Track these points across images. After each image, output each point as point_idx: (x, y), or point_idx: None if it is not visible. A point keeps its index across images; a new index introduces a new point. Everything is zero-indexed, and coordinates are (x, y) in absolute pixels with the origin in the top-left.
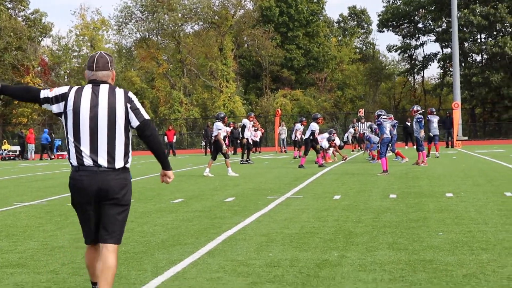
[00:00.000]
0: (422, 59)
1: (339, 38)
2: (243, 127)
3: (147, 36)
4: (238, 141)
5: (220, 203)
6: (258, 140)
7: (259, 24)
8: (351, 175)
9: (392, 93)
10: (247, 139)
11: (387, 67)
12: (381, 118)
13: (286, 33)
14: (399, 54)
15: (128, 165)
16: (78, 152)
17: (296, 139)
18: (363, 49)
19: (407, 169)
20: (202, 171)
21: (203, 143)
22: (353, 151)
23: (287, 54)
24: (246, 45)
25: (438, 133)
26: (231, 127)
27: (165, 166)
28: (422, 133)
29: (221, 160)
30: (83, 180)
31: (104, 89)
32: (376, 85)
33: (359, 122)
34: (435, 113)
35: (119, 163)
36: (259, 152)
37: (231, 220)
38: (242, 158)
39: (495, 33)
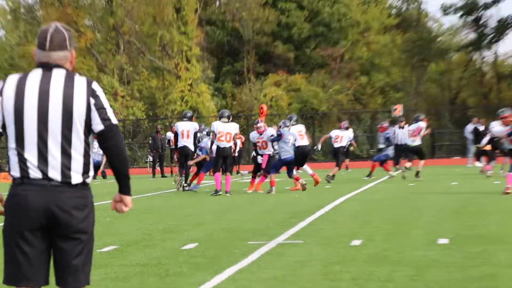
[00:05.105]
0: (496, 25)
1: None
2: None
3: None
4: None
5: (175, 252)
6: (236, 155)
7: None
8: (381, 207)
9: (446, 79)
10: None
11: (440, 39)
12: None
13: None
14: (460, 17)
15: (88, 180)
16: (22, 162)
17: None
18: (402, 9)
19: (468, 200)
20: (148, 203)
21: (150, 158)
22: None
23: (282, 18)
24: (217, 3)
25: None
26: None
27: (124, 189)
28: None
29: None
30: (27, 196)
31: (58, 76)
32: (421, 67)
33: (397, 126)
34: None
35: (76, 177)
36: (238, 172)
37: (192, 279)
38: (186, 180)
39: None
